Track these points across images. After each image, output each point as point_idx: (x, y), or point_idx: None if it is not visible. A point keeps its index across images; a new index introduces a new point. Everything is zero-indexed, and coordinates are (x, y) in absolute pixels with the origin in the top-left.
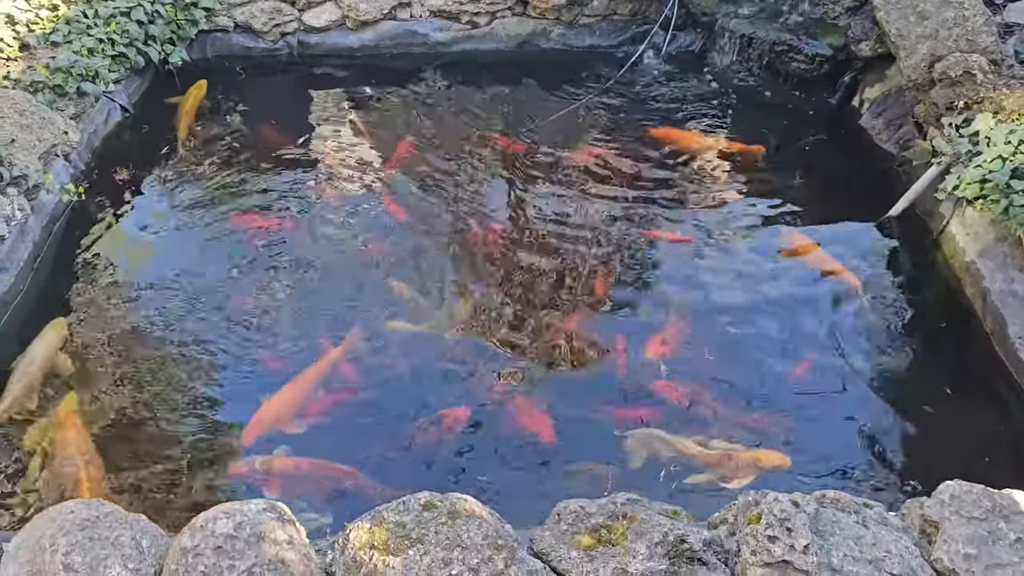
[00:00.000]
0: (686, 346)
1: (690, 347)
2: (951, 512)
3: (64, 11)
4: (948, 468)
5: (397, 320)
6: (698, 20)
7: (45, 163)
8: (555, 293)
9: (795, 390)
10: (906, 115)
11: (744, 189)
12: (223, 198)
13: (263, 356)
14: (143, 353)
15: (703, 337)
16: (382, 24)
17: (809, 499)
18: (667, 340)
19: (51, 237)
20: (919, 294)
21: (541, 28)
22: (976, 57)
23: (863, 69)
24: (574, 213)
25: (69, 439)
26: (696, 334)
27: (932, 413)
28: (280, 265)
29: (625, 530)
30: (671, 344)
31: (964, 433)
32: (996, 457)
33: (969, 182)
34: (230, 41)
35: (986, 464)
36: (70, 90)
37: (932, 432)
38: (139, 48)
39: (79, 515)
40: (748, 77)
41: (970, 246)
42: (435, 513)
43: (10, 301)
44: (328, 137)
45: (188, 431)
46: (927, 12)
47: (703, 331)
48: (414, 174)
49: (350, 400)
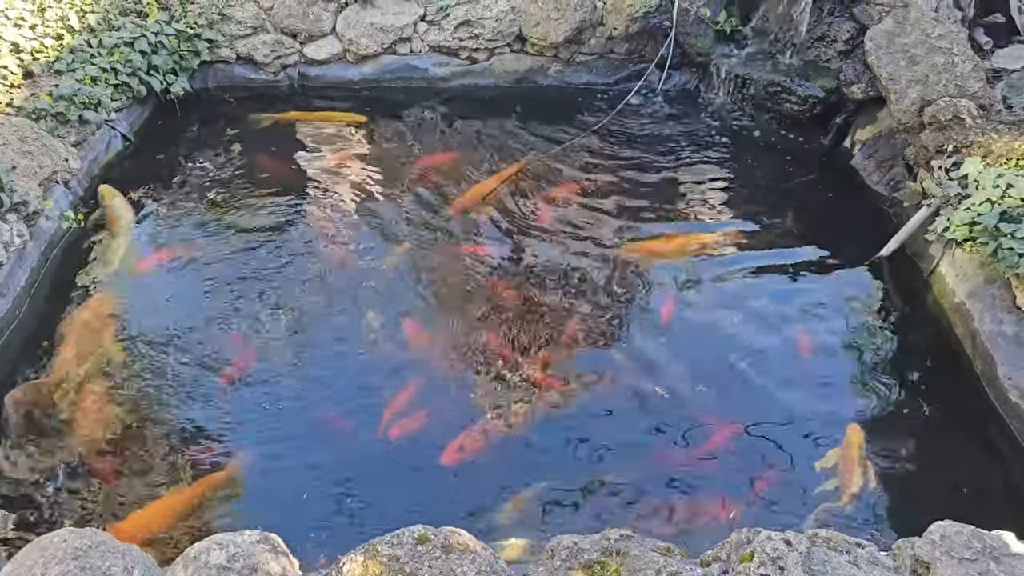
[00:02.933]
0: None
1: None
2: (942, 552)
3: (69, 40)
4: (938, 508)
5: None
6: (693, 60)
7: (45, 190)
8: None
9: (781, 430)
10: (897, 157)
11: (734, 228)
12: (221, 227)
13: (259, 389)
14: (137, 380)
15: (691, 381)
16: (382, 58)
17: (801, 538)
18: (464, 446)
19: (48, 263)
20: (909, 334)
21: (539, 65)
22: (965, 102)
23: (855, 111)
24: (555, 254)
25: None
26: (684, 379)
27: (922, 453)
28: (277, 293)
29: (618, 567)
30: (468, 450)
31: (954, 473)
32: (986, 497)
33: (958, 224)
34: (232, 72)
35: (976, 505)
36: (72, 118)
37: (922, 472)
38: (141, 78)
39: (71, 544)
40: (742, 117)
41: (960, 287)
42: (429, 547)
43: (5, 327)
44: (325, 168)
45: (180, 457)
46: (917, 57)
47: (689, 377)
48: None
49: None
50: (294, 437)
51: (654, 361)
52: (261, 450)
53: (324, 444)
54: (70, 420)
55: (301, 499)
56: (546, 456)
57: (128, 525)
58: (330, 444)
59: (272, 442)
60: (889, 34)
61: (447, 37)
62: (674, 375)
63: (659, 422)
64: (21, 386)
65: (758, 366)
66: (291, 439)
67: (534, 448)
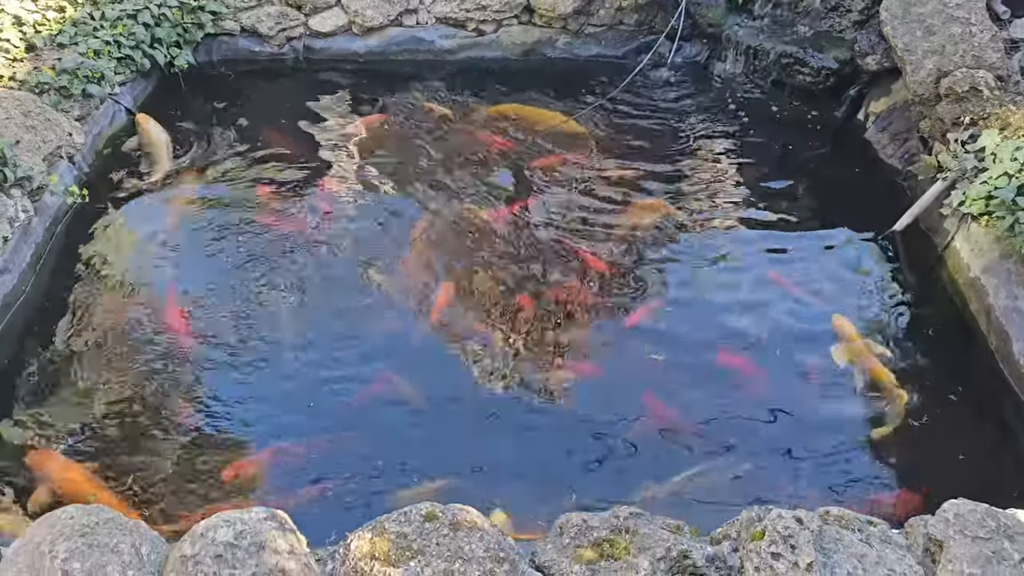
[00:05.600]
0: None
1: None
2: (955, 531)
3: (71, 13)
4: (952, 486)
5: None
6: (704, 31)
7: (49, 165)
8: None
9: (794, 405)
10: (911, 129)
11: (747, 201)
12: (226, 200)
13: (268, 360)
14: (143, 356)
15: (700, 363)
16: (388, 30)
17: (813, 516)
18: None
19: (53, 239)
20: (922, 309)
21: (547, 37)
22: (982, 73)
23: (869, 83)
24: (569, 221)
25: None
26: (693, 359)
27: (935, 430)
28: (283, 267)
29: (628, 544)
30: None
31: (968, 451)
32: (1000, 476)
33: (974, 198)
34: (236, 45)
35: (990, 482)
36: (75, 92)
37: (935, 449)
38: (145, 51)
39: (78, 521)
40: (753, 89)
41: (975, 262)
42: (436, 524)
43: (12, 303)
44: (331, 141)
45: (188, 434)
46: (934, 27)
47: (700, 356)
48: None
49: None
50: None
51: (660, 330)
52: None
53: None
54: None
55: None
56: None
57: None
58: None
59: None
60: (905, 3)
61: (454, 8)
62: (680, 345)
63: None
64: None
65: (768, 340)
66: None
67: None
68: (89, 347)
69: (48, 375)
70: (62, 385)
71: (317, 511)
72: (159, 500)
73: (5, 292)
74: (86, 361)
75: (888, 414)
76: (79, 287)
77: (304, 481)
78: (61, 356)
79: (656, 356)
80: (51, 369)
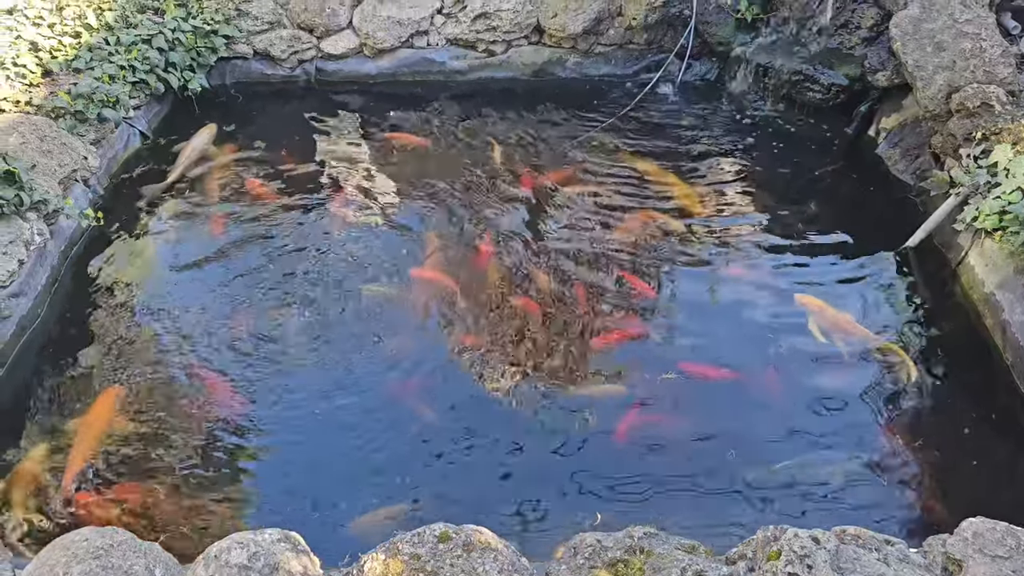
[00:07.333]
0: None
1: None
2: (974, 550)
3: (87, 38)
4: (970, 504)
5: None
6: (714, 49)
7: (65, 188)
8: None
9: (810, 426)
10: (923, 145)
11: (759, 219)
12: (239, 222)
13: (280, 381)
14: (158, 378)
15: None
16: (399, 52)
17: (829, 535)
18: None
19: (68, 261)
20: (937, 326)
21: (557, 57)
22: (994, 88)
23: (880, 99)
24: (582, 243)
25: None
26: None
27: (952, 447)
28: (296, 289)
29: (643, 565)
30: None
31: (985, 468)
32: (1019, 493)
33: (988, 214)
34: (249, 68)
35: (1009, 500)
36: (91, 116)
37: (953, 467)
38: (159, 75)
39: (92, 543)
40: (764, 106)
41: (989, 278)
42: (450, 545)
43: (28, 325)
44: (343, 162)
45: (202, 456)
46: (944, 43)
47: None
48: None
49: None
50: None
51: (676, 344)
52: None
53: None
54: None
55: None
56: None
57: None
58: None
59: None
60: (915, 20)
61: (464, 30)
62: (698, 359)
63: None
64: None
65: (784, 356)
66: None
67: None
68: (104, 369)
69: (64, 397)
70: (78, 407)
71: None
72: (174, 521)
73: (21, 315)
74: (101, 383)
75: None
76: (94, 309)
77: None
78: (76, 378)
79: (668, 375)
80: (66, 391)
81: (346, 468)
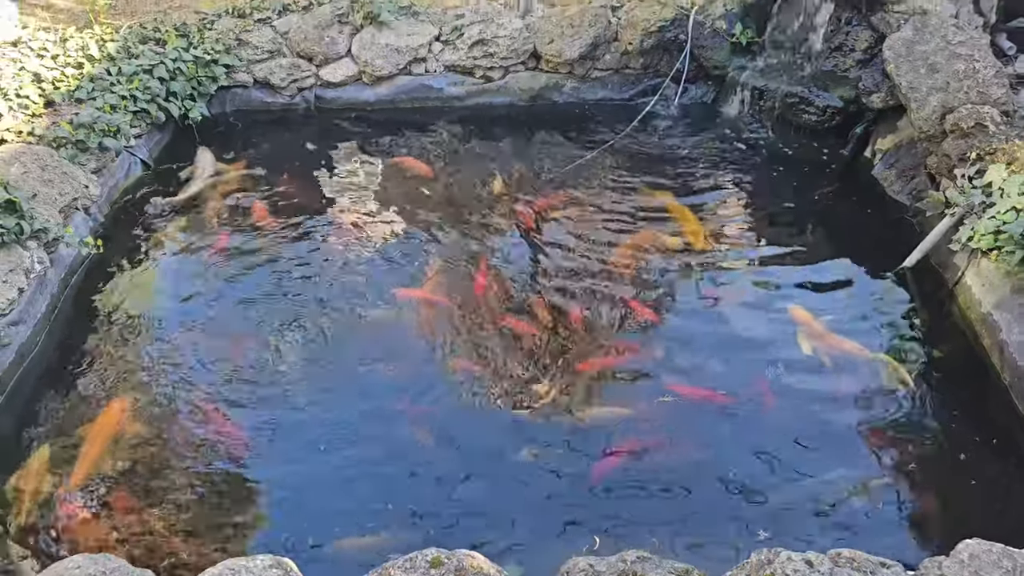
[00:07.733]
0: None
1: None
2: (970, 572)
3: (89, 69)
4: (966, 526)
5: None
6: (710, 73)
7: (66, 216)
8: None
9: (803, 447)
10: (918, 166)
11: (756, 240)
12: (239, 249)
13: (278, 408)
14: (157, 405)
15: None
16: (398, 79)
17: (823, 558)
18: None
19: (68, 289)
20: (934, 346)
21: (554, 82)
22: (988, 109)
23: (875, 120)
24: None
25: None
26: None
27: (949, 468)
28: (297, 317)
29: None
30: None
31: (982, 489)
32: (1016, 515)
33: (983, 233)
34: (249, 96)
35: (1005, 522)
36: (92, 145)
37: (949, 488)
38: (160, 104)
39: (85, 570)
40: (760, 129)
41: (986, 298)
42: (443, 570)
43: (27, 353)
44: (343, 189)
45: (198, 483)
46: (937, 65)
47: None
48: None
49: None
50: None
51: (674, 368)
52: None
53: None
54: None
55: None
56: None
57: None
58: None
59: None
60: (908, 42)
61: (462, 56)
62: (693, 381)
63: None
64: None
65: (782, 378)
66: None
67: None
68: (103, 396)
69: (62, 425)
70: (76, 434)
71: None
72: (167, 548)
73: (21, 342)
74: (100, 410)
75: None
76: (93, 337)
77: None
78: (75, 406)
79: (665, 398)
80: (65, 419)
81: (340, 493)
